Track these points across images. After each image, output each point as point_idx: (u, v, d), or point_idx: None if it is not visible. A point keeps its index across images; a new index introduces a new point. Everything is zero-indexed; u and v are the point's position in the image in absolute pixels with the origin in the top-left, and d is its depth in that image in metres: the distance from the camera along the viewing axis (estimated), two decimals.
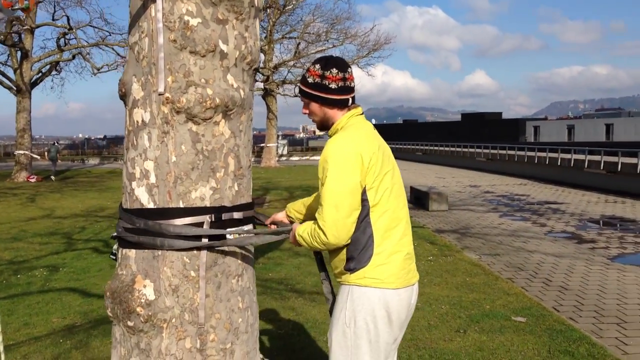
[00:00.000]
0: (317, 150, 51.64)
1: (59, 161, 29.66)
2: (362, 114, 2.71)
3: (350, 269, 2.55)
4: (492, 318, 5.13)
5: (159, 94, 2.56)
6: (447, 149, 39.60)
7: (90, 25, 29.02)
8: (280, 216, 3.09)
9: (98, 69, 28.23)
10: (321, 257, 2.95)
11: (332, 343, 2.62)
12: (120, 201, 2.80)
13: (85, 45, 28.05)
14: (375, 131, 2.69)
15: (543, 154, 21.76)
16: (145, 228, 2.60)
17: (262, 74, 34.31)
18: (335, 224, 2.44)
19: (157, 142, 2.59)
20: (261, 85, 35.29)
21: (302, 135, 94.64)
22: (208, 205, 2.64)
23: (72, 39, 28.44)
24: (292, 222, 3.01)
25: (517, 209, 13.57)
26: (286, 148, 47.69)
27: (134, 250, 2.67)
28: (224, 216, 2.67)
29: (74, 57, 28.55)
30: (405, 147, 49.76)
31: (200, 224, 2.62)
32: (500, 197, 15.96)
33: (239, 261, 2.77)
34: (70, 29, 27.41)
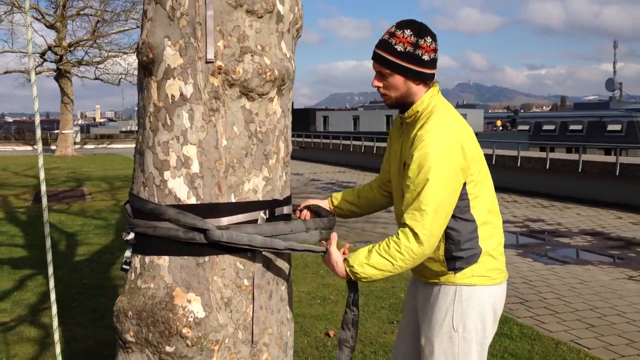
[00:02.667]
0: (114, 137, 48.46)
1: None
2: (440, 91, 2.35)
3: (455, 269, 2.24)
4: None
5: (207, 62, 2.05)
6: None
7: None
8: (320, 203, 2.63)
9: None
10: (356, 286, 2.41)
11: (434, 351, 2.29)
12: (135, 196, 2.21)
13: None
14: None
15: (358, 143, 22.96)
16: (190, 228, 2.08)
17: (55, 53, 31.19)
18: (433, 233, 2.12)
19: (202, 122, 2.08)
20: (53, 65, 32.08)
21: (80, 122, 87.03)
22: (261, 198, 2.20)
23: None
24: (330, 213, 2.58)
25: None
26: (79, 135, 44.02)
27: (166, 257, 2.13)
28: (277, 211, 2.25)
29: None
30: None
31: (253, 222, 2.17)
32: (330, 185, 16.38)
33: (287, 265, 2.37)
34: None
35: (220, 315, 2.10)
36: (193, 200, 2.10)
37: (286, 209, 2.30)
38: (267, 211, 2.20)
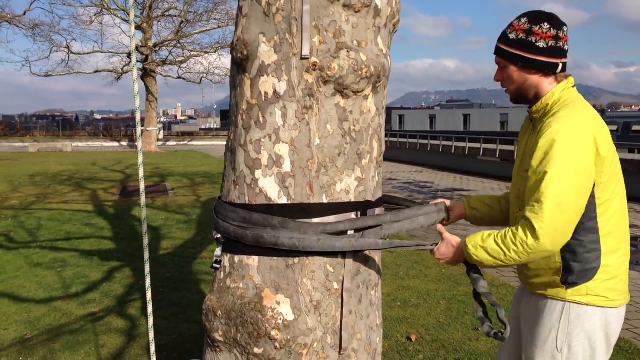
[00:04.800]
0: (194, 135, 49.87)
1: None
2: (574, 86, 2.17)
3: (567, 283, 2.05)
4: None
5: (302, 58, 2.00)
6: None
7: None
8: (450, 203, 2.42)
9: None
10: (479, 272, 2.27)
11: None
12: (224, 195, 2.20)
13: None
14: None
15: (436, 142, 22.54)
16: (281, 228, 2.04)
17: (141, 53, 32.41)
18: (555, 228, 1.89)
19: (295, 120, 2.03)
20: (139, 65, 33.31)
21: (162, 119, 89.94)
22: (352, 199, 2.13)
23: None
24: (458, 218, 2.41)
25: (432, 195, 13.73)
26: (162, 132, 45.56)
27: (256, 258, 2.09)
28: (369, 212, 2.18)
29: None
30: None
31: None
32: (408, 185, 16.09)
33: (377, 268, 2.29)
34: None
35: (310, 319, 2.05)
36: (284, 200, 2.05)
37: (378, 211, 2.22)
38: (359, 213, 2.13)
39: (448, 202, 2.39)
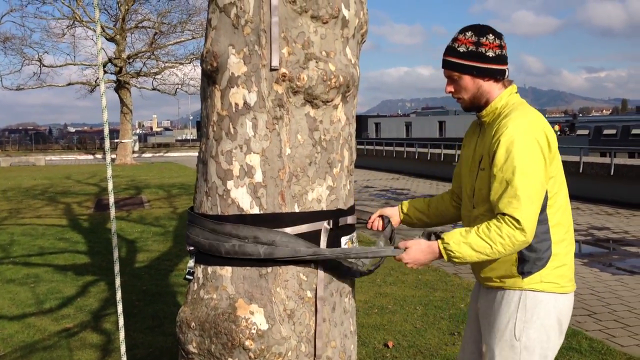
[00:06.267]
0: (170, 146, 49.59)
1: None
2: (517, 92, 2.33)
3: (523, 272, 2.18)
4: None
5: (271, 69, 2.02)
6: None
7: None
8: (390, 211, 2.60)
9: None
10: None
11: (494, 358, 2.24)
12: (196, 206, 2.20)
13: None
14: None
15: (412, 149, 22.73)
16: (254, 238, 2.05)
17: (115, 65, 32.18)
18: (532, 220, 2.05)
19: (266, 131, 2.05)
20: (113, 77, 33.09)
21: (138, 131, 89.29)
22: (324, 208, 2.15)
23: None
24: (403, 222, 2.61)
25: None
26: (137, 144, 45.19)
27: (229, 268, 2.10)
28: (340, 220, 2.20)
29: None
30: None
31: (316, 232, 2.12)
32: (384, 192, 16.15)
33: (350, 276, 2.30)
34: None
35: (284, 328, 2.06)
36: (256, 210, 2.06)
37: (350, 219, 2.25)
38: (331, 221, 2.15)
39: (388, 211, 2.59)
